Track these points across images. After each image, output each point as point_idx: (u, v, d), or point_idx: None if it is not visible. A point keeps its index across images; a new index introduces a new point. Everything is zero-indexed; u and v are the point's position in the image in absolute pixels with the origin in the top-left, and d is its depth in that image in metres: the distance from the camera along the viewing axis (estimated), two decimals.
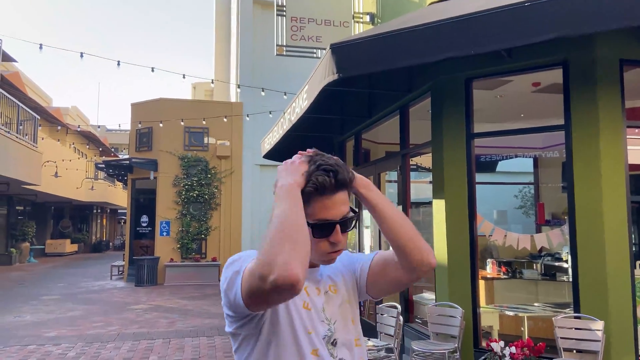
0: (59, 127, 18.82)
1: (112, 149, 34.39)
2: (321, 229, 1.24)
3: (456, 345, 4.38)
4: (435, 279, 4.93)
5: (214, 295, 11.45)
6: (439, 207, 4.85)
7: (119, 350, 6.49)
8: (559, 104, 4.31)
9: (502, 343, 4.11)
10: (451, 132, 4.82)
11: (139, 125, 14.35)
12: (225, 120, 14.05)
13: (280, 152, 8.15)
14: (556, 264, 5.28)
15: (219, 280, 1.30)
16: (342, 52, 3.98)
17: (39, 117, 16.87)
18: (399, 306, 4.69)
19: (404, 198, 5.79)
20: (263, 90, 10.69)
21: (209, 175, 14.54)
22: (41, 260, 22.50)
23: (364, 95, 6.38)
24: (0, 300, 10.87)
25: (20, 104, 15.08)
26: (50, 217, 27.99)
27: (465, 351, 4.52)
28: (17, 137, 14.38)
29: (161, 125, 13.71)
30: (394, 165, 6.21)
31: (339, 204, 1.24)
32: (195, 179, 14.36)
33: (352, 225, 1.29)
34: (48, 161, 18.34)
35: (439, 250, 4.80)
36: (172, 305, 10.23)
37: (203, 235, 14.38)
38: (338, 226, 1.25)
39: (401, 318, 4.68)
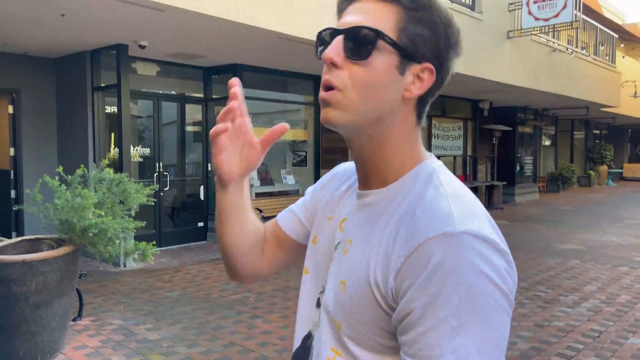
0: None
1: None
2: (321, 42, 0.80)
3: None
4: None
5: None
6: None
7: None
8: None
9: None
10: None
11: None
12: None
13: None
14: None
15: None
16: None
17: (616, 36, 16.15)
18: None
19: None
20: None
21: None
22: (619, 184, 22.21)
23: None
24: (584, 219, 11.44)
25: (598, 25, 14.83)
26: (627, 140, 26.97)
27: None
28: (594, 60, 14.32)
29: None
30: None
31: (356, 11, 0.78)
32: None
33: (364, 44, 0.74)
34: (627, 81, 17.47)
35: None
36: None
37: None
38: (339, 37, 0.76)
39: None
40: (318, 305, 0.87)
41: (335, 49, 0.76)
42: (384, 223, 0.75)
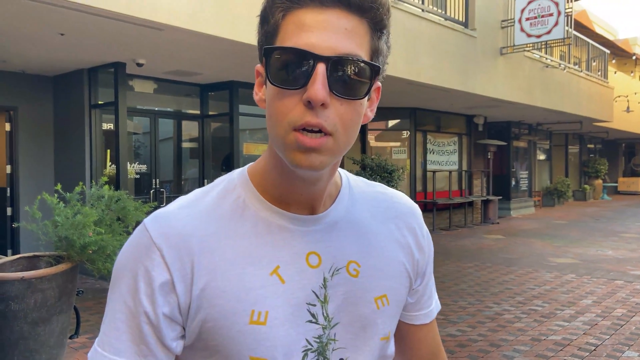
0: (634, 57, 17.65)
1: None
2: (283, 66, 0.60)
3: None
4: None
5: None
6: None
7: None
8: None
9: None
10: None
11: None
12: None
13: None
14: None
15: None
16: None
17: (608, 52, 16.40)
18: None
19: None
20: None
21: None
22: (614, 198, 22.34)
23: None
24: (580, 233, 11.50)
25: (590, 41, 15.07)
26: (621, 154, 27.21)
27: None
28: (587, 75, 14.52)
29: None
30: None
31: (332, 28, 0.57)
32: None
33: (361, 79, 0.57)
34: (619, 96, 17.69)
35: None
36: None
37: None
38: (321, 66, 0.56)
39: None
40: None
41: (324, 84, 0.57)
42: (375, 228, 0.76)
